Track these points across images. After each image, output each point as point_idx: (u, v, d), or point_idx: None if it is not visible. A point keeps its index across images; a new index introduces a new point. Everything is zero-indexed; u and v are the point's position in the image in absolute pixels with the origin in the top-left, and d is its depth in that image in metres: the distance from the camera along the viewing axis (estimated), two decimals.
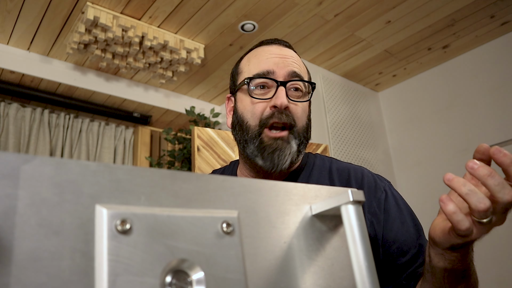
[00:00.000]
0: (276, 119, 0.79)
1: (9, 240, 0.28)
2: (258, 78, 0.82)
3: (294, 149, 0.79)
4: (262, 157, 0.79)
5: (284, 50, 0.86)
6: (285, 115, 0.79)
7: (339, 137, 2.70)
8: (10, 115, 2.49)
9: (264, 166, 0.79)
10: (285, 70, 0.82)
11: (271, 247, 0.40)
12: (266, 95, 0.81)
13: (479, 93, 2.62)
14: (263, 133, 0.79)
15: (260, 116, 0.80)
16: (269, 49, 0.86)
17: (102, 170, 0.33)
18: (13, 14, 2.07)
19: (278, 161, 0.78)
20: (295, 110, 0.81)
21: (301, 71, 0.85)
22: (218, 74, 2.77)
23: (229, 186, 0.40)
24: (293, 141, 0.79)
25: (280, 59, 0.83)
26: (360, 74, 2.93)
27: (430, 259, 0.60)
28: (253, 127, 0.81)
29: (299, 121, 0.81)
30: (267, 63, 0.83)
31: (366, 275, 0.40)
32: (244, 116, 0.83)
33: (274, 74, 0.82)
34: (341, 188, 0.49)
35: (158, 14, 2.18)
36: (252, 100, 0.82)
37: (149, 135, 3.11)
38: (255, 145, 0.80)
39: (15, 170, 0.30)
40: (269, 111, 0.79)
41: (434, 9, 2.27)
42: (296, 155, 0.80)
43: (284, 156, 0.78)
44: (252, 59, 0.87)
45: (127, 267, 0.31)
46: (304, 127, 0.83)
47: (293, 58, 0.85)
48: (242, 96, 0.85)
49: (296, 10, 2.18)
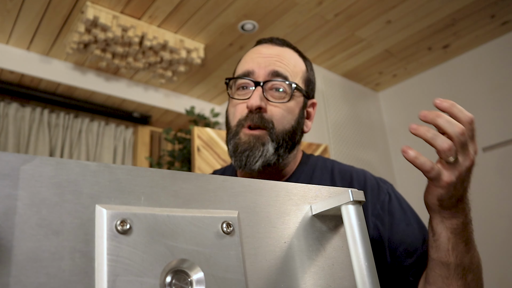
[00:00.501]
0: (249, 121, 0.77)
1: (9, 240, 0.28)
2: (237, 79, 0.81)
3: (269, 152, 0.76)
4: (234, 155, 0.78)
5: (272, 49, 0.83)
6: (259, 116, 0.76)
7: (339, 137, 2.70)
8: (9, 115, 2.49)
9: (235, 165, 0.78)
10: (265, 69, 0.79)
11: (271, 247, 0.40)
12: (244, 96, 0.80)
13: (479, 93, 2.62)
14: (241, 131, 0.78)
15: (238, 117, 0.79)
16: (258, 49, 0.85)
17: (102, 170, 0.33)
18: (13, 14, 2.07)
19: (247, 162, 0.76)
20: (273, 111, 0.78)
21: (287, 70, 0.81)
22: (218, 74, 2.77)
23: (229, 186, 0.40)
24: (269, 143, 0.76)
25: (263, 59, 0.81)
26: (360, 74, 2.93)
27: (433, 231, 0.62)
28: (232, 128, 0.80)
29: (278, 123, 0.78)
30: (250, 63, 0.81)
31: (366, 275, 0.39)
32: (228, 118, 0.84)
33: (253, 75, 0.80)
34: (341, 188, 0.49)
35: (158, 14, 2.18)
36: (232, 102, 0.82)
37: (149, 135, 3.11)
38: (232, 144, 0.79)
39: (15, 170, 0.30)
40: (246, 112, 0.78)
41: (435, 9, 2.27)
42: (274, 158, 0.77)
43: (254, 157, 0.76)
44: (242, 60, 0.86)
45: (127, 267, 0.31)
46: (286, 129, 0.79)
47: (279, 56, 0.82)
48: (230, 98, 0.86)
49: (296, 10, 2.18)
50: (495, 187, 2.42)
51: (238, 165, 0.77)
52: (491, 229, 2.37)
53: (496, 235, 2.34)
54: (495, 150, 2.47)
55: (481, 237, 2.52)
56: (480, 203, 2.44)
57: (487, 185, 2.44)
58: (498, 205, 2.38)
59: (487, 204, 2.42)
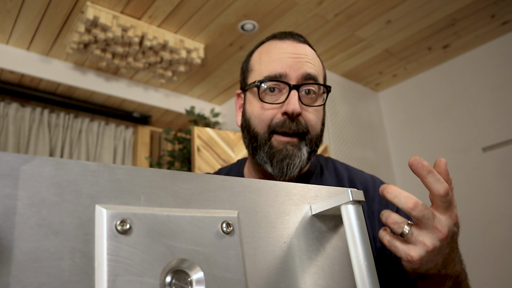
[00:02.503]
0: (286, 128, 0.74)
1: (9, 240, 0.28)
2: (269, 81, 0.76)
3: (304, 156, 0.75)
4: (271, 164, 0.75)
5: (298, 48, 0.80)
6: (296, 123, 0.74)
7: (339, 137, 2.70)
8: (9, 115, 2.49)
9: (273, 173, 0.76)
10: (299, 72, 0.76)
11: (271, 247, 0.40)
12: (277, 100, 0.76)
13: (479, 93, 2.62)
14: (273, 137, 0.75)
15: (269, 123, 0.75)
16: (282, 46, 0.80)
17: (102, 170, 0.33)
18: (13, 14, 2.07)
19: (287, 170, 0.74)
20: (308, 117, 0.76)
21: (317, 71, 0.79)
22: (218, 74, 2.77)
23: (229, 186, 0.40)
24: (304, 148, 0.75)
25: (293, 60, 0.77)
26: (360, 74, 2.93)
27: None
28: (261, 134, 0.76)
29: (313, 129, 0.76)
30: (279, 64, 0.77)
31: (366, 275, 0.40)
32: (251, 121, 0.79)
33: (286, 77, 0.76)
34: (341, 188, 0.49)
35: (158, 14, 2.18)
36: (263, 105, 0.77)
37: (149, 135, 3.11)
38: (265, 151, 0.76)
39: (14, 170, 0.30)
40: (280, 118, 0.75)
41: (435, 9, 2.27)
42: (306, 163, 0.77)
43: (294, 165, 0.74)
44: (264, 57, 0.80)
45: (127, 267, 0.31)
46: (318, 134, 0.78)
47: (307, 56, 0.79)
48: (251, 98, 0.80)
49: (296, 9, 2.18)
50: (495, 187, 2.42)
51: (278, 174, 0.75)
52: (491, 229, 2.37)
53: (496, 235, 2.34)
54: (495, 150, 2.47)
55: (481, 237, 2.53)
56: (480, 203, 2.44)
57: (487, 185, 2.44)
58: (498, 205, 2.38)
59: (487, 204, 2.42)
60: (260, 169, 0.81)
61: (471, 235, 2.42)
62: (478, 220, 2.42)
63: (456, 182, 3.05)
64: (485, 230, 2.38)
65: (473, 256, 2.38)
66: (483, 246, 2.37)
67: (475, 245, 2.40)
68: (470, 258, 2.40)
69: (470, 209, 2.46)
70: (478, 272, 2.32)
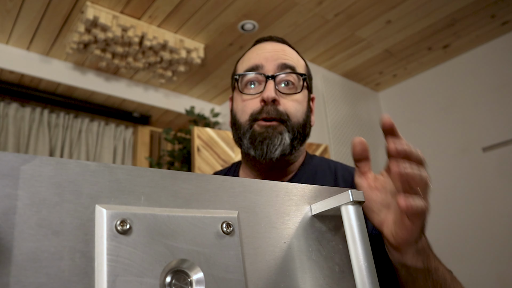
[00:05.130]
0: (264, 114, 0.77)
1: (8, 240, 0.28)
2: (248, 74, 0.81)
3: (286, 141, 0.77)
4: (253, 147, 0.78)
5: (276, 45, 0.84)
6: (274, 109, 0.77)
7: (339, 137, 2.70)
8: (9, 115, 2.49)
9: (256, 155, 0.78)
10: (275, 63, 0.80)
11: (271, 247, 0.40)
12: (256, 91, 0.80)
13: (479, 93, 2.62)
14: (254, 124, 0.79)
15: (250, 112, 0.79)
16: (261, 46, 0.85)
17: (102, 170, 0.33)
18: (13, 14, 2.07)
19: (267, 150, 0.76)
20: (287, 105, 0.79)
21: (294, 63, 0.83)
22: (218, 74, 2.77)
23: (229, 186, 0.40)
24: (285, 133, 0.78)
25: (269, 53, 0.82)
26: (360, 74, 2.93)
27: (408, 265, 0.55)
28: (244, 123, 0.80)
29: (293, 116, 0.79)
30: (257, 58, 0.82)
31: (366, 275, 0.39)
32: (236, 114, 0.83)
33: (263, 69, 0.80)
34: (341, 188, 0.49)
35: (158, 14, 2.18)
36: (243, 97, 0.82)
37: (148, 135, 3.11)
38: (247, 138, 0.79)
39: (14, 170, 0.30)
40: (259, 106, 0.78)
41: (435, 9, 2.27)
42: (289, 149, 0.78)
43: (274, 146, 0.77)
44: (245, 57, 0.86)
45: (127, 267, 0.31)
46: (300, 122, 0.80)
47: (284, 51, 0.83)
48: (236, 95, 0.85)
49: (296, 9, 2.18)
50: (495, 187, 2.42)
51: (259, 155, 0.77)
52: (491, 229, 2.37)
53: (496, 235, 2.34)
54: (495, 150, 2.47)
55: (481, 237, 2.52)
56: (480, 203, 2.44)
57: (487, 185, 2.44)
58: (498, 205, 2.38)
59: (487, 204, 2.42)
60: (249, 161, 0.84)
61: (471, 235, 2.42)
62: (478, 220, 2.42)
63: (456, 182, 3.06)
64: (485, 230, 2.38)
65: (473, 256, 2.38)
66: (483, 246, 2.37)
67: (475, 245, 2.40)
68: (470, 258, 2.40)
69: (470, 209, 2.46)
70: (478, 272, 2.32)
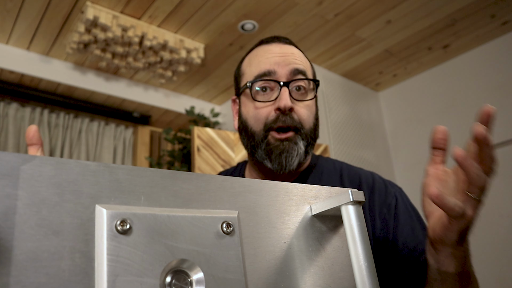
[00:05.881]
0: (280, 123, 0.77)
1: (8, 240, 0.28)
2: (260, 81, 0.80)
3: (301, 150, 0.78)
4: (270, 159, 0.78)
5: (284, 48, 0.83)
6: (290, 117, 0.77)
7: (339, 137, 2.70)
8: (9, 115, 2.49)
9: (273, 168, 0.78)
10: (287, 68, 0.79)
11: (271, 247, 0.40)
12: (269, 98, 0.79)
13: (479, 93, 2.62)
14: (269, 135, 0.78)
15: (264, 121, 0.79)
16: (269, 48, 0.84)
17: (102, 170, 0.33)
18: (13, 14, 2.07)
19: (286, 163, 0.77)
20: (300, 112, 0.79)
21: (305, 67, 0.82)
22: (218, 74, 2.77)
23: (229, 186, 0.40)
24: (300, 142, 0.78)
25: (280, 58, 0.81)
26: (360, 74, 2.93)
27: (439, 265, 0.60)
28: (258, 132, 0.79)
29: (306, 123, 0.79)
30: (268, 63, 0.80)
31: (366, 275, 0.39)
32: (248, 122, 0.82)
33: (275, 75, 0.79)
34: (341, 188, 0.49)
35: (158, 14, 2.18)
36: (256, 105, 0.80)
37: (148, 135, 3.11)
38: (262, 149, 0.79)
39: (14, 170, 0.30)
40: (274, 114, 0.78)
41: (435, 9, 2.27)
42: (304, 156, 0.79)
43: (292, 157, 0.77)
44: (253, 60, 0.85)
45: (127, 267, 0.31)
46: (312, 128, 0.81)
47: (294, 55, 0.83)
48: (245, 100, 0.84)
49: (296, 9, 2.18)
50: (495, 187, 2.41)
51: (276, 168, 0.78)
52: (491, 229, 2.37)
53: (496, 235, 2.34)
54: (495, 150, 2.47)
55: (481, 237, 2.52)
56: None
57: None
58: (498, 205, 2.38)
59: (487, 204, 2.40)
60: (261, 169, 0.83)
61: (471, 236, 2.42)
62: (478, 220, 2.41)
63: None
64: (485, 230, 2.38)
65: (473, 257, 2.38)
66: (483, 246, 2.36)
67: (475, 245, 2.39)
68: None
69: None
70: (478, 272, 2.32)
